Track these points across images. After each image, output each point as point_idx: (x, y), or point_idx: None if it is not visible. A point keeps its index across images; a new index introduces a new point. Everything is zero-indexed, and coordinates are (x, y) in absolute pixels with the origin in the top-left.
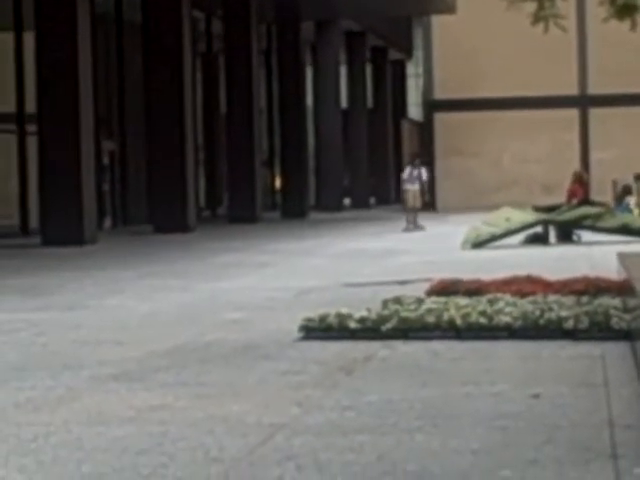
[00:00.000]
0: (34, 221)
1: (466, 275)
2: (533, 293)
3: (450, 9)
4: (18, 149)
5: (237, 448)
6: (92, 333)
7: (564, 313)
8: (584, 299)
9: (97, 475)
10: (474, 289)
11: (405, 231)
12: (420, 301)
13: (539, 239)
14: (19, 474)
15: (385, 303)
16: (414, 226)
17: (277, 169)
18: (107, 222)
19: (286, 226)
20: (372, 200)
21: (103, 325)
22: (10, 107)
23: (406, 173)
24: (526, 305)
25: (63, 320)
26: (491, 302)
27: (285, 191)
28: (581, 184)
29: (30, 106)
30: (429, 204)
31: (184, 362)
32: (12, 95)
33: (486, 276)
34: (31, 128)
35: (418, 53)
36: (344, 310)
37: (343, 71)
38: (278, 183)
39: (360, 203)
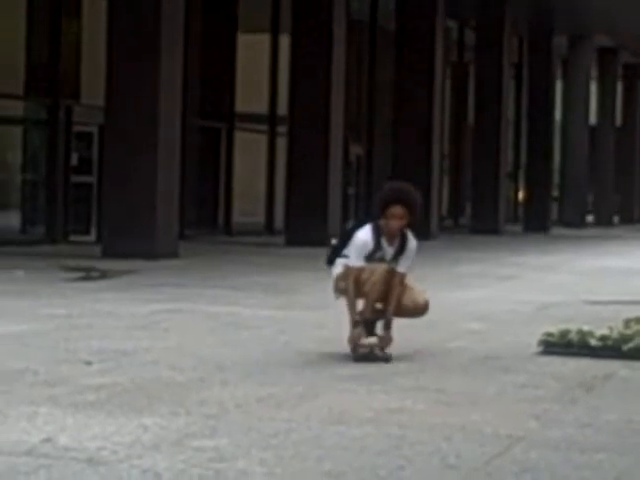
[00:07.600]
0: (279, 221)
1: None
2: None
3: None
4: (268, 149)
5: (474, 457)
6: (333, 333)
7: None
8: None
9: (337, 473)
10: None
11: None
12: None
13: None
14: (260, 467)
15: (627, 322)
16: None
17: (521, 182)
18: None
19: (528, 240)
20: (616, 219)
21: (344, 325)
22: (263, 108)
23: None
24: None
25: (305, 319)
26: None
27: (528, 204)
28: None
29: (282, 108)
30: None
31: (423, 367)
32: (265, 96)
33: None
34: (282, 129)
35: None
36: (585, 327)
37: (593, 87)
38: (521, 196)
39: (603, 221)
